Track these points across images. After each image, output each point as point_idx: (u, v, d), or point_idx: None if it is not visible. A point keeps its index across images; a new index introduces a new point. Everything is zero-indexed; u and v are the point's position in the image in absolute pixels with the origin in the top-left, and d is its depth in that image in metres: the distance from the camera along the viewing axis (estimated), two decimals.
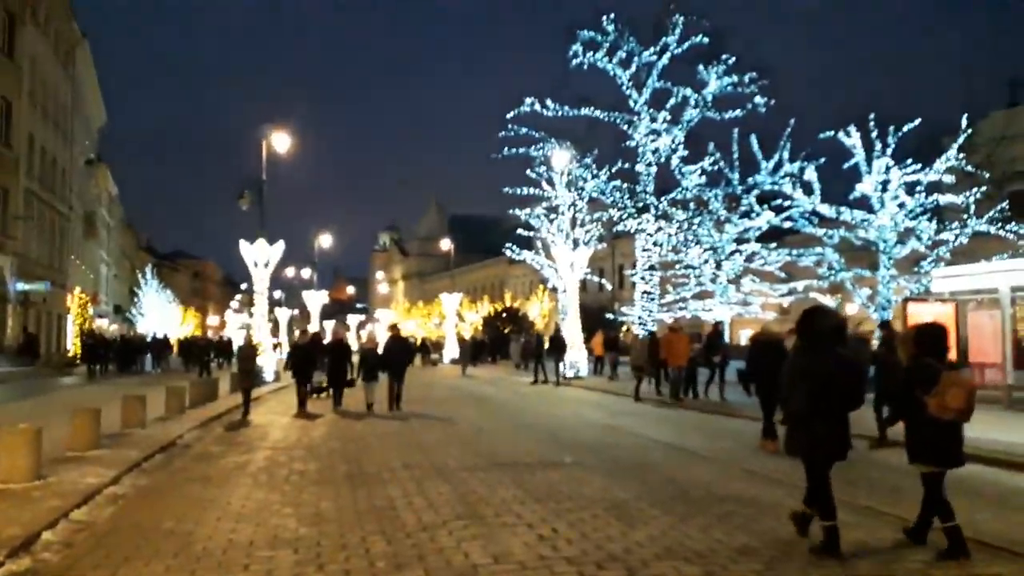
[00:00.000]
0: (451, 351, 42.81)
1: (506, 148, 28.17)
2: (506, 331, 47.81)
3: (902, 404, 5.59)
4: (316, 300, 48.47)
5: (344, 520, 6.56)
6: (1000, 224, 22.82)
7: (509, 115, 27.45)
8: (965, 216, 23.23)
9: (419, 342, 44.93)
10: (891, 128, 22.96)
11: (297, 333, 17.43)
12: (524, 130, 27.62)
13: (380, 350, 15.97)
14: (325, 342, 17.70)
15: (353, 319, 77.92)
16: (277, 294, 77.27)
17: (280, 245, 25.26)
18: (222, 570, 5.20)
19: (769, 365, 9.32)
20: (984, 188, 23.61)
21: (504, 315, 52.58)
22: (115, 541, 5.98)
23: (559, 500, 7.20)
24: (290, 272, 67.48)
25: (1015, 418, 12.05)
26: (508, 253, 34.25)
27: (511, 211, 31.04)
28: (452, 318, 48.62)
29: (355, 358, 16.78)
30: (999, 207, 23.17)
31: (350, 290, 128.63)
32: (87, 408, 10.33)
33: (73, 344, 38.63)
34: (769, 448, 10.07)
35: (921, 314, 15.80)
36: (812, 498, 5.56)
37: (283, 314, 55.92)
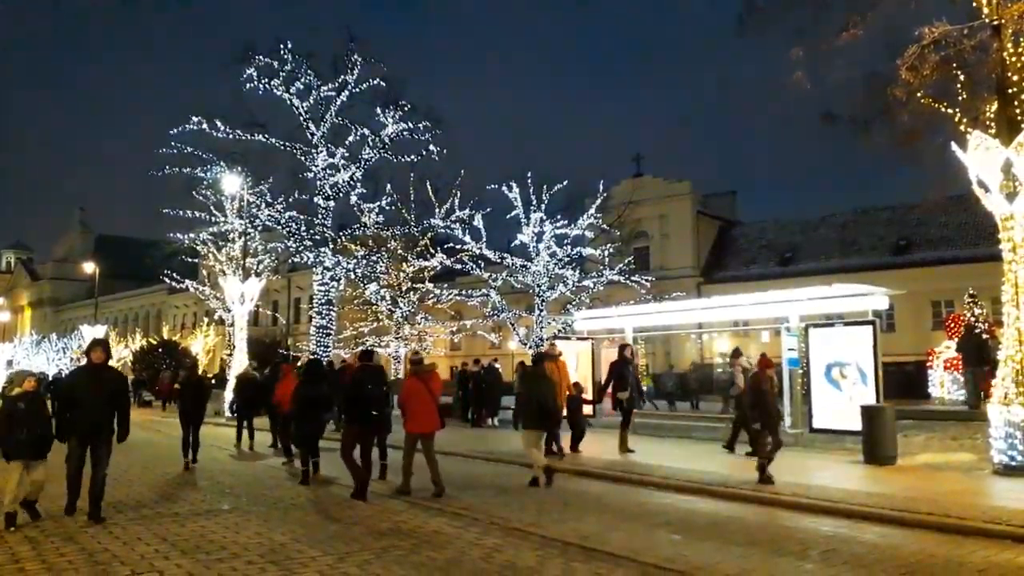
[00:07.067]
0: None
1: (167, 167, 25.47)
2: (162, 367, 43.10)
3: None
4: None
5: None
6: (627, 275, 27.16)
7: (173, 131, 25.04)
8: (601, 267, 27.23)
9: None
10: (544, 187, 26.16)
11: None
12: (189, 149, 25.40)
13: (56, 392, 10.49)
14: None
15: None
16: None
17: None
18: None
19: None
20: (616, 244, 27.91)
21: (160, 349, 47.33)
22: None
23: (209, 551, 6.59)
24: None
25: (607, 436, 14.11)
26: (167, 281, 31.10)
27: (172, 235, 28.16)
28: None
29: None
30: (626, 260, 27.62)
31: None
32: None
33: None
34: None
35: (565, 351, 17.93)
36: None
37: None
